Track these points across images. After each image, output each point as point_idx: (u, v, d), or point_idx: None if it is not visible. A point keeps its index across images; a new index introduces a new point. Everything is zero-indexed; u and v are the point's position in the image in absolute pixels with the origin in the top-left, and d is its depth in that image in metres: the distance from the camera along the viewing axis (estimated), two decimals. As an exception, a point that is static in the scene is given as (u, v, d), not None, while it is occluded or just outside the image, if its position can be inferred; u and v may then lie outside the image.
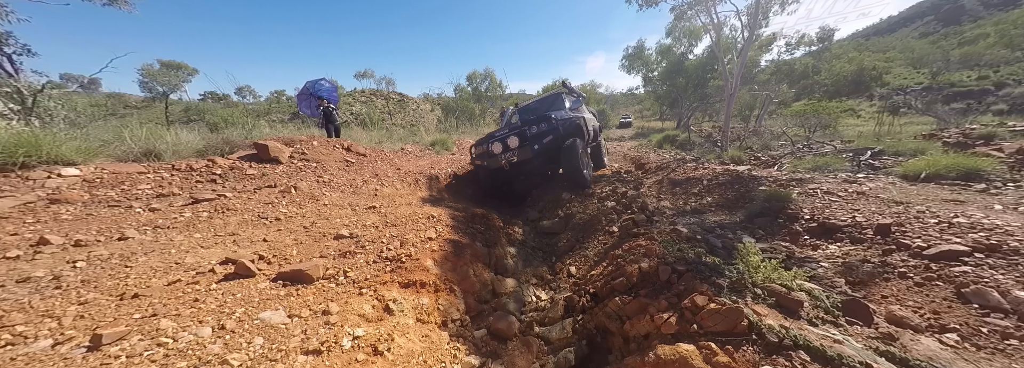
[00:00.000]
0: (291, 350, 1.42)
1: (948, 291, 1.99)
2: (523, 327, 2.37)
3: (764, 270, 1.98)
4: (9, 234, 2.30)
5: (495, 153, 5.19)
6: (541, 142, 4.80)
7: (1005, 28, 30.11)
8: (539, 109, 6.49)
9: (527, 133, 5.00)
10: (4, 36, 6.86)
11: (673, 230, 2.92)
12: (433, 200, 4.49)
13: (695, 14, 10.70)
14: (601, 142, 8.10)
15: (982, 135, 6.43)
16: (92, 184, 3.18)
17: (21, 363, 1.23)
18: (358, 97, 26.81)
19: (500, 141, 5.14)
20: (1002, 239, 2.30)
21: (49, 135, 3.39)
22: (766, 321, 1.55)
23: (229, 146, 5.08)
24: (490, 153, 5.26)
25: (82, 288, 1.77)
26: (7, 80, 5.84)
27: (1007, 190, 3.54)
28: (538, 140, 4.84)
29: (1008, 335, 1.64)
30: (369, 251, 2.45)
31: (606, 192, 4.76)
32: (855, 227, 2.91)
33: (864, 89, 19.20)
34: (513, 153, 4.96)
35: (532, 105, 6.92)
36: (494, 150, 5.18)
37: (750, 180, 4.77)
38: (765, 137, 10.52)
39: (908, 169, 4.46)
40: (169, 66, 21.78)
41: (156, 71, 21.06)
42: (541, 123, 5.00)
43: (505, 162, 5.04)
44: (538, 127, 5.01)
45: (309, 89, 9.35)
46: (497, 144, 5.17)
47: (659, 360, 1.53)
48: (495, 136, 5.35)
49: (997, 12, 62.61)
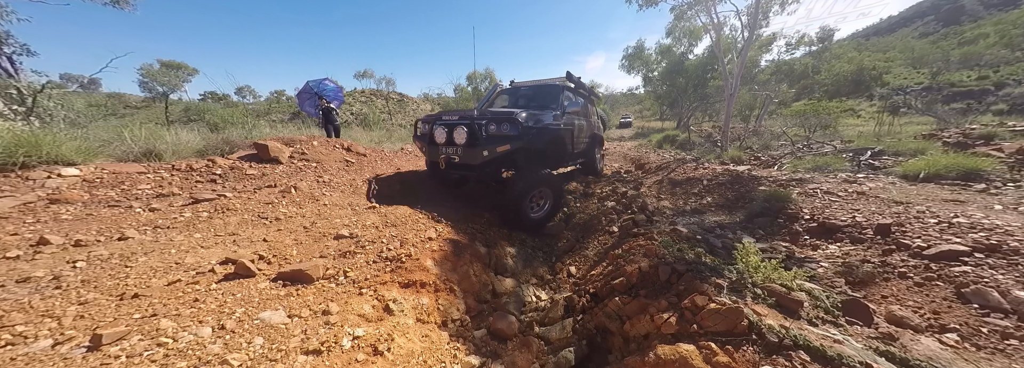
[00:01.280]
0: (291, 350, 1.42)
1: (948, 291, 1.99)
2: (523, 327, 2.37)
3: (764, 270, 1.98)
4: (9, 234, 2.30)
5: (436, 142, 4.00)
6: (493, 149, 3.62)
7: (1005, 28, 30.12)
8: (533, 98, 5.21)
9: (480, 132, 3.75)
10: (4, 36, 6.86)
11: (673, 230, 2.92)
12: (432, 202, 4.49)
13: (695, 14, 10.70)
14: (597, 158, 6.80)
15: (982, 135, 6.43)
16: (92, 184, 3.18)
17: (21, 363, 1.23)
18: (358, 97, 26.81)
19: (447, 128, 3.91)
20: (1002, 239, 2.30)
21: (49, 135, 3.38)
22: (766, 321, 1.55)
23: (229, 146, 5.07)
24: (431, 139, 4.07)
25: (82, 288, 1.77)
26: (7, 80, 5.85)
27: (1007, 190, 3.54)
28: (490, 145, 3.63)
29: (1008, 335, 1.64)
30: (369, 251, 2.45)
31: (606, 192, 4.75)
32: (855, 227, 2.91)
33: (864, 89, 19.19)
34: (456, 151, 3.80)
35: (526, 90, 5.45)
36: (437, 137, 3.99)
37: (750, 180, 4.78)
38: (765, 137, 10.52)
39: (908, 169, 4.47)
40: (169, 66, 21.77)
41: (156, 71, 21.05)
42: (504, 123, 3.74)
43: (443, 158, 3.90)
44: (498, 127, 3.74)
45: (312, 88, 9.35)
46: (441, 131, 3.93)
47: (659, 360, 1.53)
48: (444, 119, 4.08)
49: (997, 12, 62.57)
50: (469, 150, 3.71)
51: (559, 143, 4.50)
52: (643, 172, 7.60)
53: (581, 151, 5.66)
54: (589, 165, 6.39)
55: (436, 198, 4.57)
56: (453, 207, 4.18)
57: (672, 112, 25.41)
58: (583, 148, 5.76)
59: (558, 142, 4.48)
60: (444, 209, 3.88)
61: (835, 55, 20.88)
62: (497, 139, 3.71)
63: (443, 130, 3.93)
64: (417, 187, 4.96)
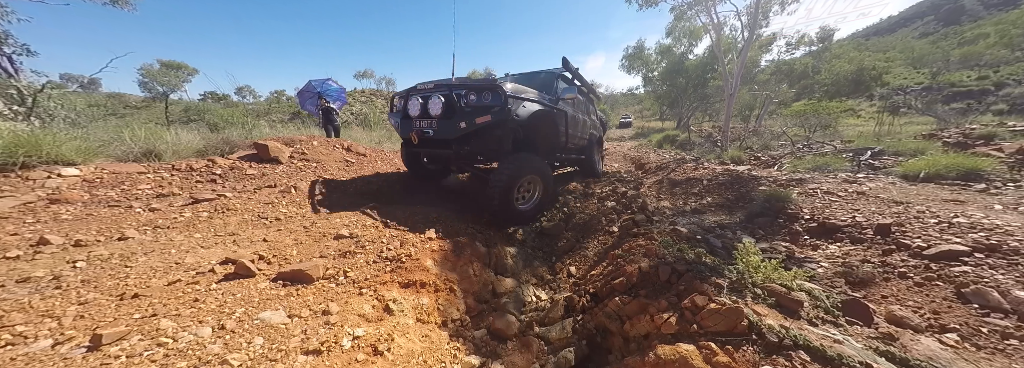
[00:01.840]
0: (291, 350, 1.42)
1: (948, 291, 1.99)
2: (523, 327, 2.37)
3: (764, 270, 1.98)
4: (9, 234, 2.30)
5: (410, 115, 3.59)
6: (471, 121, 3.19)
7: (1005, 28, 30.13)
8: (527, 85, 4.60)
9: (459, 101, 3.34)
10: (4, 36, 6.86)
11: (673, 230, 2.92)
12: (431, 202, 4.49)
13: (695, 14, 10.71)
14: (596, 159, 6.29)
15: (982, 135, 6.43)
16: (92, 184, 3.18)
17: (21, 363, 1.23)
18: (358, 97, 26.82)
19: (422, 99, 3.52)
20: (1002, 239, 2.31)
21: (49, 135, 3.38)
22: (766, 321, 1.55)
23: (229, 146, 5.07)
24: (405, 113, 3.66)
25: (82, 288, 1.77)
26: (7, 80, 5.85)
27: (1007, 190, 3.54)
28: (469, 117, 3.22)
29: (1008, 335, 1.64)
30: (369, 251, 2.45)
31: (606, 192, 4.75)
32: (855, 227, 2.91)
33: (864, 89, 19.20)
34: (431, 124, 3.39)
35: (518, 76, 5.06)
36: (410, 110, 3.59)
37: (750, 180, 4.78)
38: (765, 137, 10.53)
39: (908, 169, 4.47)
40: (169, 66, 21.77)
41: (156, 71, 21.06)
42: (485, 92, 3.30)
43: (416, 133, 3.47)
44: (478, 97, 3.30)
45: (315, 88, 9.37)
46: (416, 102, 3.54)
47: (659, 360, 1.53)
48: (419, 89, 3.64)
49: (997, 12, 62.60)
50: (445, 122, 3.30)
51: (551, 127, 4.02)
52: (643, 172, 7.60)
53: (579, 147, 5.23)
54: (588, 165, 5.97)
55: (436, 198, 4.57)
56: (453, 207, 4.17)
57: (672, 112, 25.43)
58: (582, 144, 5.34)
59: (550, 126, 3.99)
60: (444, 209, 3.87)
61: (835, 55, 20.89)
62: (477, 110, 3.25)
63: (418, 102, 3.53)
64: (417, 187, 4.97)
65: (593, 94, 6.36)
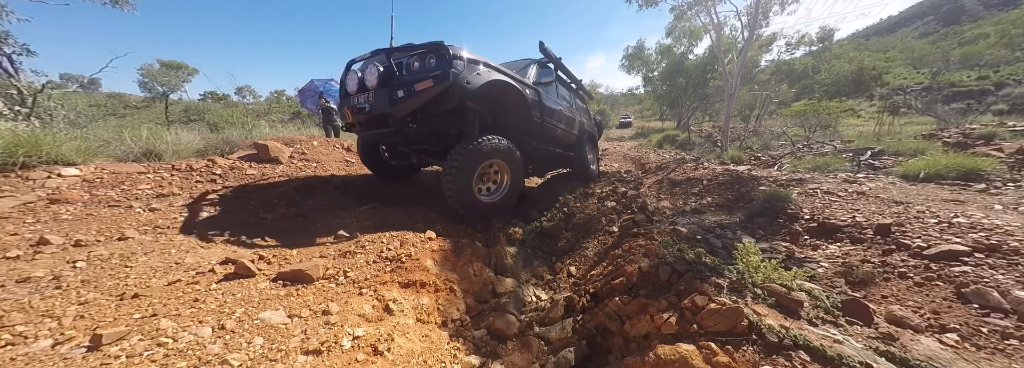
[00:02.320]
0: (291, 350, 1.42)
1: (948, 291, 1.99)
2: (523, 327, 2.37)
3: (764, 270, 1.98)
4: (9, 234, 2.30)
5: (348, 92, 3.15)
6: (410, 88, 2.70)
7: (1005, 28, 30.14)
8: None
9: (400, 71, 2.92)
10: (4, 36, 6.86)
11: (673, 230, 2.92)
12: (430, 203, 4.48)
13: (695, 14, 10.72)
14: (589, 159, 5.64)
15: (982, 135, 6.44)
16: (92, 184, 3.18)
17: (21, 363, 1.22)
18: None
19: (361, 71, 3.05)
20: (1002, 239, 2.31)
21: (49, 135, 3.38)
22: (766, 321, 1.55)
23: (229, 146, 5.07)
24: (343, 90, 3.23)
25: (82, 288, 1.77)
26: (7, 80, 5.85)
27: (1007, 190, 3.54)
28: (407, 85, 2.72)
29: (1008, 335, 1.64)
30: (369, 251, 2.45)
31: (606, 192, 4.75)
32: (855, 227, 2.91)
33: (864, 89, 19.22)
34: (367, 98, 2.90)
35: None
36: (348, 86, 3.14)
37: (750, 180, 4.78)
38: (765, 137, 10.53)
39: (908, 169, 4.47)
40: (169, 66, 21.78)
41: (156, 71, 21.06)
42: (428, 56, 2.86)
43: (350, 109, 3.01)
44: (421, 63, 2.87)
45: (317, 87, 9.38)
46: (354, 76, 3.09)
47: (659, 360, 1.53)
48: (357, 59, 3.18)
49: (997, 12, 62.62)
50: (381, 91, 2.77)
51: (521, 108, 3.46)
52: (643, 172, 7.60)
53: (563, 142, 4.69)
54: (579, 165, 5.36)
55: (436, 198, 4.56)
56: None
57: (672, 112, 25.43)
58: (568, 140, 4.83)
59: (520, 106, 3.44)
60: (444, 208, 3.87)
61: (835, 55, 20.92)
62: (410, 80, 2.75)
63: (357, 75, 3.04)
64: (417, 187, 4.97)
65: (582, 91, 5.90)
